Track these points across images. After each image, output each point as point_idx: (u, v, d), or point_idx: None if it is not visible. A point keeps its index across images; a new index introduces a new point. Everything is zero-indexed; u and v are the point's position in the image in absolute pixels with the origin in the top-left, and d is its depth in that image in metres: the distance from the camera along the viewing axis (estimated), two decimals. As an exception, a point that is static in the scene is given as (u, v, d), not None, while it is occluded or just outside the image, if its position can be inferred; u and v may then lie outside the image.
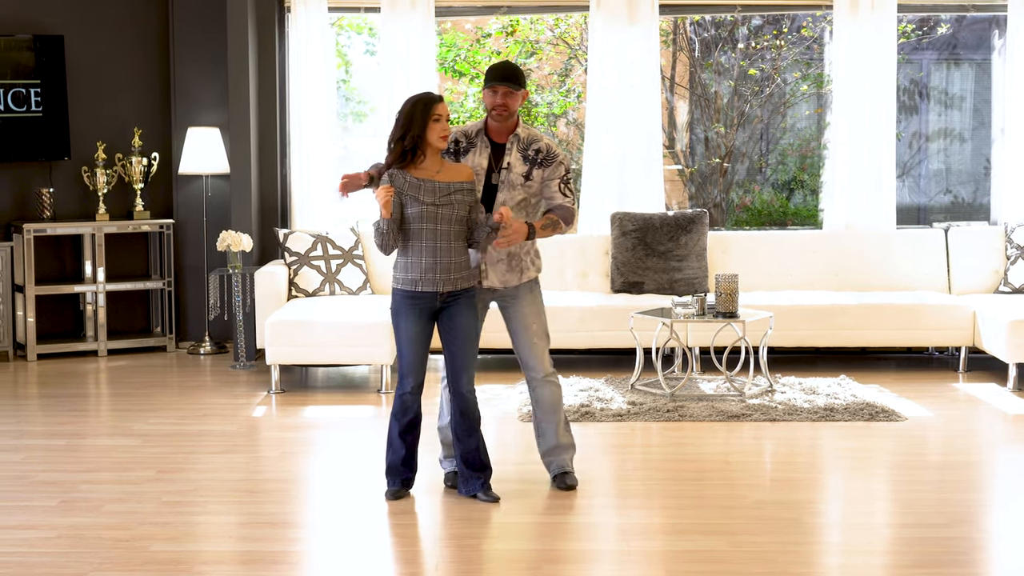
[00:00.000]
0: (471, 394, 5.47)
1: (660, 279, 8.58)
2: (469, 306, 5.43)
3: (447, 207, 5.31)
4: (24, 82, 8.96)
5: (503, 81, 5.47)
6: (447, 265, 5.34)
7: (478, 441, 5.51)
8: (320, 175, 9.00)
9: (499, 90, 5.47)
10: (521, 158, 5.54)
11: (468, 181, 5.39)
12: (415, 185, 5.31)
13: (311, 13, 8.91)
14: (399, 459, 5.55)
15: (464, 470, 5.54)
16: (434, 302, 5.38)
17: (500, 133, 5.56)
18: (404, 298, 5.40)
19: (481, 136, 5.57)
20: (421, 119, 5.27)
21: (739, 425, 6.90)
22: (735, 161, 11.27)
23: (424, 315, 5.40)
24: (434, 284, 5.34)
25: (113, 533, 5.09)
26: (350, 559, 4.89)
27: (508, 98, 5.47)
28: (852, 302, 8.26)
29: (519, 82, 5.50)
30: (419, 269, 5.34)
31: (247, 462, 6.27)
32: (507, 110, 5.48)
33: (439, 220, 5.32)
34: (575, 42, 11.14)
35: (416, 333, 5.40)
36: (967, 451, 6.50)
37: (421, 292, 5.36)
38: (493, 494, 5.51)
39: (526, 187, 5.54)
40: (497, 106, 5.49)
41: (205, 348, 9.14)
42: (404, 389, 5.47)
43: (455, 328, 5.40)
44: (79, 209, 9.28)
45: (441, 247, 5.33)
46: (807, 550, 4.98)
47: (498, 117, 5.51)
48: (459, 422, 5.48)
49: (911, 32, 10.90)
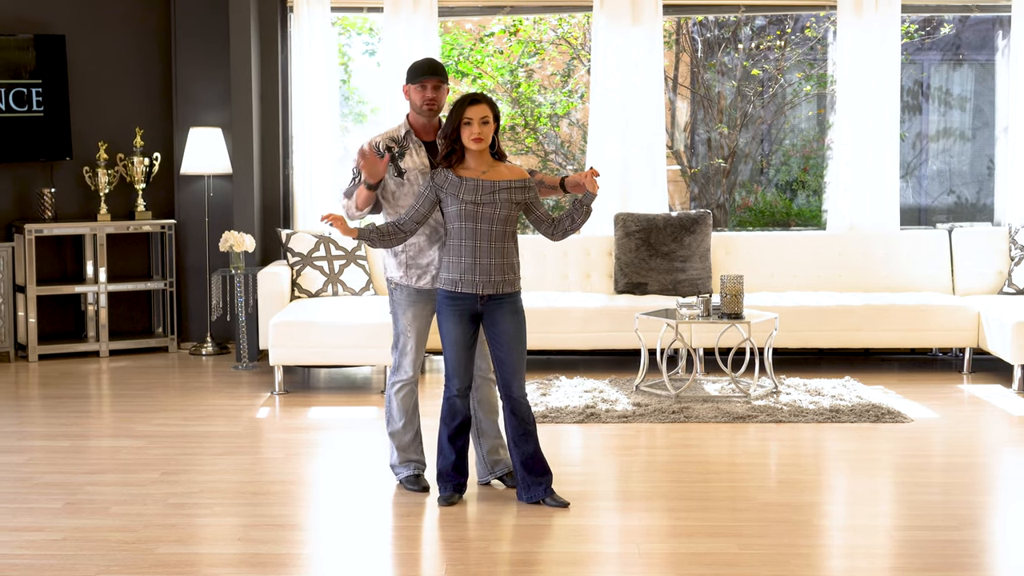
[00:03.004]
0: (523, 398, 5.38)
1: (664, 280, 8.56)
2: (513, 311, 5.35)
3: (489, 206, 5.26)
4: (25, 82, 8.94)
5: (433, 75, 5.52)
6: (487, 266, 5.28)
7: (535, 445, 5.41)
8: (323, 175, 8.98)
9: (429, 84, 5.52)
10: None
11: (519, 179, 5.33)
12: (455, 183, 5.29)
13: (313, 13, 8.89)
14: (450, 465, 5.46)
15: (525, 476, 5.41)
16: (475, 304, 5.32)
17: (428, 131, 5.60)
18: (445, 298, 5.36)
19: (410, 137, 5.59)
20: (454, 120, 5.28)
21: (744, 426, 6.88)
22: (738, 162, 11.26)
23: (465, 317, 5.34)
24: (473, 285, 5.29)
25: (119, 535, 5.07)
26: (356, 561, 4.87)
27: (438, 92, 5.54)
28: (856, 303, 8.25)
29: (446, 77, 5.58)
30: (459, 269, 5.30)
31: (252, 464, 6.26)
32: (437, 104, 5.54)
33: (479, 219, 5.27)
34: (578, 42, 11.12)
35: (459, 335, 5.35)
36: (973, 453, 6.49)
37: (461, 293, 5.32)
38: (560, 498, 5.42)
39: None
40: (428, 100, 5.52)
41: (207, 349, 9.12)
42: (451, 392, 5.41)
43: (499, 333, 5.34)
44: (80, 209, 9.26)
45: (481, 247, 5.28)
46: (816, 553, 4.96)
47: (428, 112, 5.55)
48: (515, 427, 5.38)
49: (915, 33, 10.89)
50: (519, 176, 5.35)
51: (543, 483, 5.41)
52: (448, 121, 5.32)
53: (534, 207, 5.38)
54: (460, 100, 5.30)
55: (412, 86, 5.56)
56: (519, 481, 5.45)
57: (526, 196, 5.34)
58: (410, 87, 5.57)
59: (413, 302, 5.60)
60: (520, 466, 5.41)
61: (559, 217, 5.42)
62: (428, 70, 5.52)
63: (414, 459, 5.74)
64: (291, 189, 9.14)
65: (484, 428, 5.74)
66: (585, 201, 5.36)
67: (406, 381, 5.68)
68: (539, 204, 5.40)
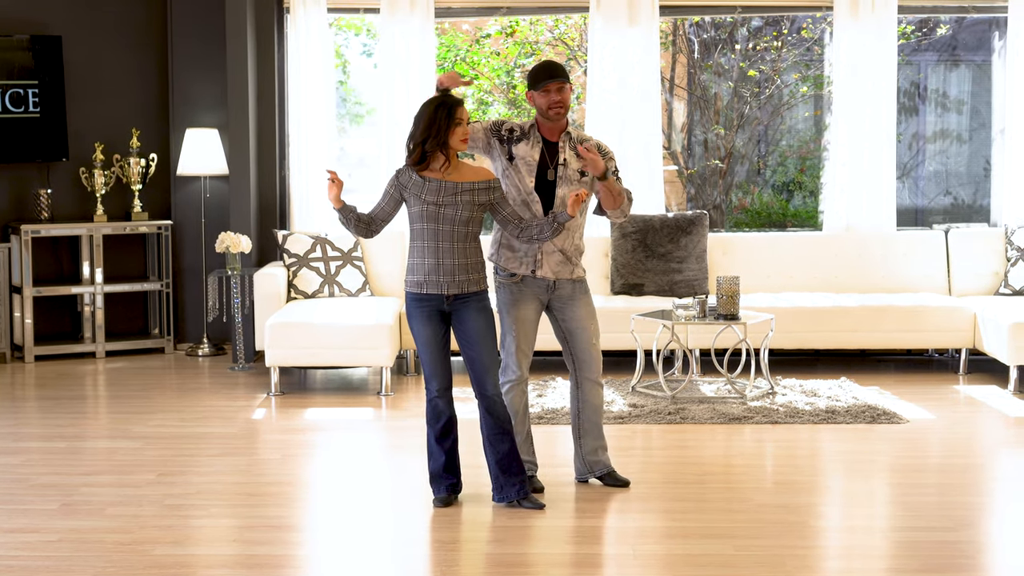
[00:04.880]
0: (498, 396, 5.38)
1: (660, 281, 8.57)
2: (480, 309, 5.36)
3: (450, 207, 5.27)
4: (22, 82, 8.94)
5: (555, 78, 5.54)
6: (451, 267, 5.29)
7: (511, 444, 5.39)
8: (319, 176, 8.97)
9: (552, 87, 5.53)
10: (575, 156, 5.59)
11: (483, 181, 5.34)
12: (419, 184, 5.29)
13: (310, 14, 8.89)
14: (440, 466, 5.46)
15: (499, 476, 5.40)
16: (441, 304, 5.33)
17: (552, 132, 5.62)
18: (412, 300, 5.36)
19: (534, 132, 5.62)
20: (445, 124, 5.25)
21: (740, 428, 6.88)
22: (734, 163, 11.26)
23: (434, 317, 5.35)
24: (439, 286, 5.30)
25: (116, 537, 5.07)
26: (351, 563, 4.87)
27: (563, 94, 5.54)
28: (852, 304, 8.25)
29: (567, 76, 5.59)
30: (423, 270, 5.31)
31: (248, 465, 6.25)
32: (563, 105, 5.55)
33: (440, 220, 5.28)
34: (574, 43, 11.13)
35: (429, 335, 5.35)
36: (969, 454, 6.50)
37: (427, 294, 5.33)
38: (536, 500, 5.41)
39: (583, 182, 5.61)
40: (554, 103, 5.53)
41: (203, 350, 9.12)
42: (431, 393, 5.41)
43: (468, 332, 5.34)
44: (77, 210, 9.26)
45: (443, 247, 5.29)
46: (812, 554, 4.97)
47: (555, 116, 5.56)
48: (490, 426, 5.37)
49: (911, 34, 10.90)
50: (484, 177, 5.35)
51: (517, 484, 5.38)
52: (432, 124, 5.26)
53: (500, 207, 5.39)
54: (446, 104, 5.27)
55: (535, 92, 5.57)
56: (493, 481, 5.44)
57: (490, 197, 5.34)
58: (534, 93, 5.58)
59: (515, 298, 5.61)
60: (495, 465, 5.40)
61: (529, 222, 5.41)
62: (548, 73, 5.54)
63: (527, 459, 5.72)
64: (287, 190, 9.13)
65: (586, 428, 5.75)
66: (560, 219, 5.37)
67: (514, 381, 5.64)
68: (505, 204, 5.40)
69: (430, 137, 5.26)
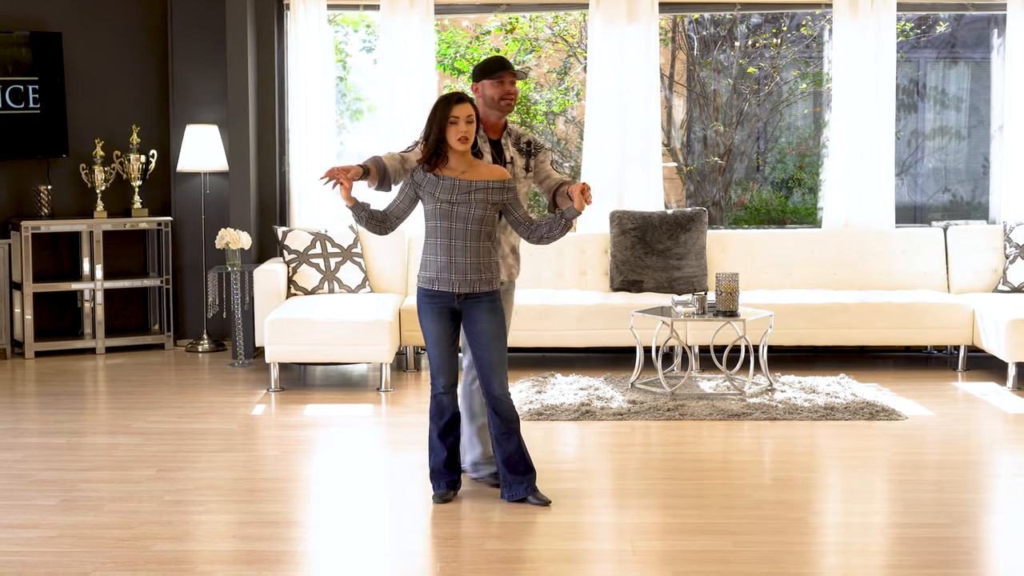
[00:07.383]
0: (505, 397, 5.38)
1: (659, 277, 8.58)
2: (490, 309, 5.34)
3: (464, 206, 5.26)
4: (22, 79, 8.94)
5: (506, 69, 5.55)
6: (463, 265, 5.28)
7: (518, 443, 5.41)
8: (319, 172, 8.97)
9: (508, 78, 5.55)
10: (517, 152, 5.62)
11: (498, 180, 5.31)
12: (433, 182, 5.29)
13: (310, 10, 8.89)
14: (441, 462, 5.48)
15: (507, 475, 5.42)
16: (452, 302, 5.33)
17: (496, 129, 5.61)
18: (423, 296, 5.37)
19: (479, 132, 5.59)
20: (440, 120, 5.25)
21: (739, 424, 6.90)
22: (734, 159, 11.27)
23: (444, 314, 5.35)
24: (450, 284, 5.30)
25: (115, 532, 5.08)
26: (351, 558, 4.88)
27: (515, 86, 5.56)
28: (851, 301, 8.27)
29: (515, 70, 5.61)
30: (435, 267, 5.31)
31: (247, 461, 6.26)
32: (514, 97, 5.56)
33: (454, 218, 5.27)
34: (574, 40, 11.13)
35: (439, 332, 5.36)
36: (967, 450, 6.51)
37: (438, 291, 5.33)
38: (542, 496, 5.43)
39: (529, 178, 5.64)
40: (508, 94, 5.54)
41: (203, 346, 9.13)
42: (437, 389, 5.42)
43: (477, 332, 5.34)
44: (77, 206, 9.26)
45: (456, 246, 5.28)
46: (810, 550, 4.98)
47: (506, 106, 5.57)
48: (497, 426, 5.38)
49: (910, 31, 10.91)
50: (499, 176, 5.34)
51: (525, 481, 5.41)
52: (431, 122, 5.27)
53: (512, 208, 5.38)
54: (444, 100, 5.26)
55: (489, 81, 5.55)
56: (502, 479, 5.45)
57: (504, 197, 5.33)
58: (485, 83, 5.56)
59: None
60: (502, 464, 5.42)
61: (538, 223, 5.40)
62: (503, 64, 5.56)
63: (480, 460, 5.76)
64: (287, 186, 9.14)
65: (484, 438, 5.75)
66: (568, 216, 5.35)
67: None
68: (518, 205, 5.39)
69: (430, 134, 5.27)
